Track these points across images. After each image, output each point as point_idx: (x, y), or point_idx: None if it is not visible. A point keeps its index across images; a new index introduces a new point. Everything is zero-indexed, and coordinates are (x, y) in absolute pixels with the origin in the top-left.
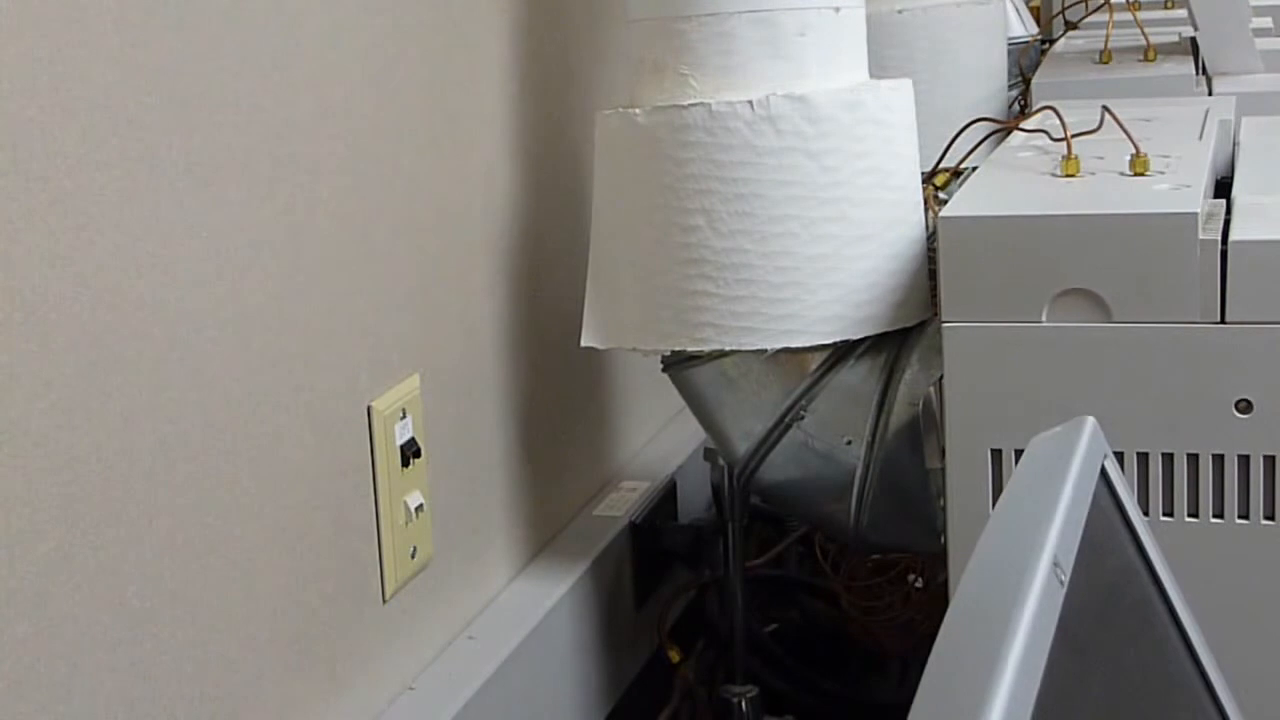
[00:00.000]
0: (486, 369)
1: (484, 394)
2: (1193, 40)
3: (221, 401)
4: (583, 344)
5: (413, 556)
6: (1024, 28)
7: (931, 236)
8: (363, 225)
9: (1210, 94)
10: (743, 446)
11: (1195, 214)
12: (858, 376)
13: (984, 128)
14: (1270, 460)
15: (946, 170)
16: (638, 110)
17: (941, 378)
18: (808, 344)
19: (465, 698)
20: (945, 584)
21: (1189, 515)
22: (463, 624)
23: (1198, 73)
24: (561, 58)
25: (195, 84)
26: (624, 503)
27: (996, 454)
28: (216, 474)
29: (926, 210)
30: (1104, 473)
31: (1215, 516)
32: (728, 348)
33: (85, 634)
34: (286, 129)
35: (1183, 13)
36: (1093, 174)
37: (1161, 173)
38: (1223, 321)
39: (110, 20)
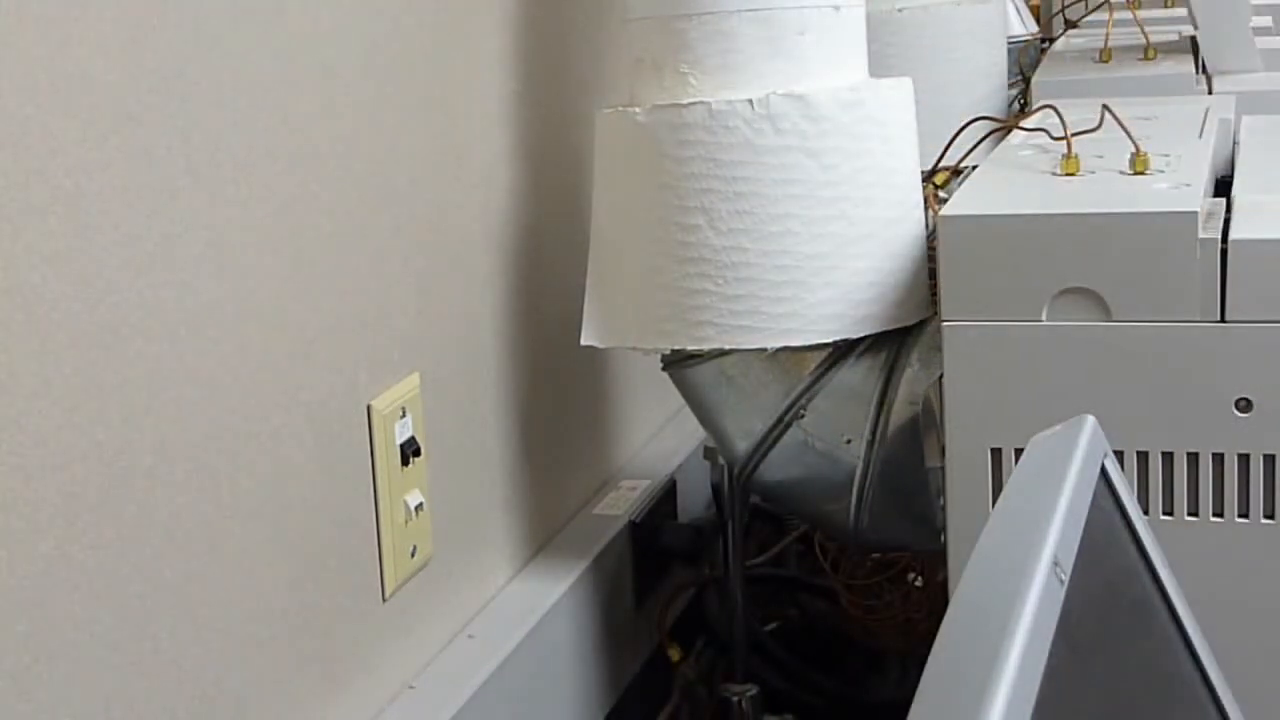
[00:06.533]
0: (486, 368)
1: (484, 393)
2: (1193, 39)
3: (221, 401)
4: (582, 343)
5: (412, 555)
6: (1024, 26)
7: (931, 235)
8: (362, 224)
9: (1210, 93)
10: (742, 445)
11: (1195, 213)
12: (858, 375)
13: (984, 126)
14: (1270, 459)
15: (947, 169)
16: (637, 109)
17: (941, 376)
18: (807, 343)
19: (465, 696)
20: (945, 583)
21: (1189, 515)
22: (462, 622)
23: (1198, 71)
24: (561, 57)
25: (195, 83)
26: (624, 501)
27: (996, 453)
28: (216, 474)
29: (926, 209)
30: (1104, 472)
31: (1215, 516)
32: (727, 346)
33: (85, 634)
34: (287, 128)
35: (1183, 11)
36: (1093, 173)
37: (1162, 171)
38: (1223, 321)
39: (110, 20)
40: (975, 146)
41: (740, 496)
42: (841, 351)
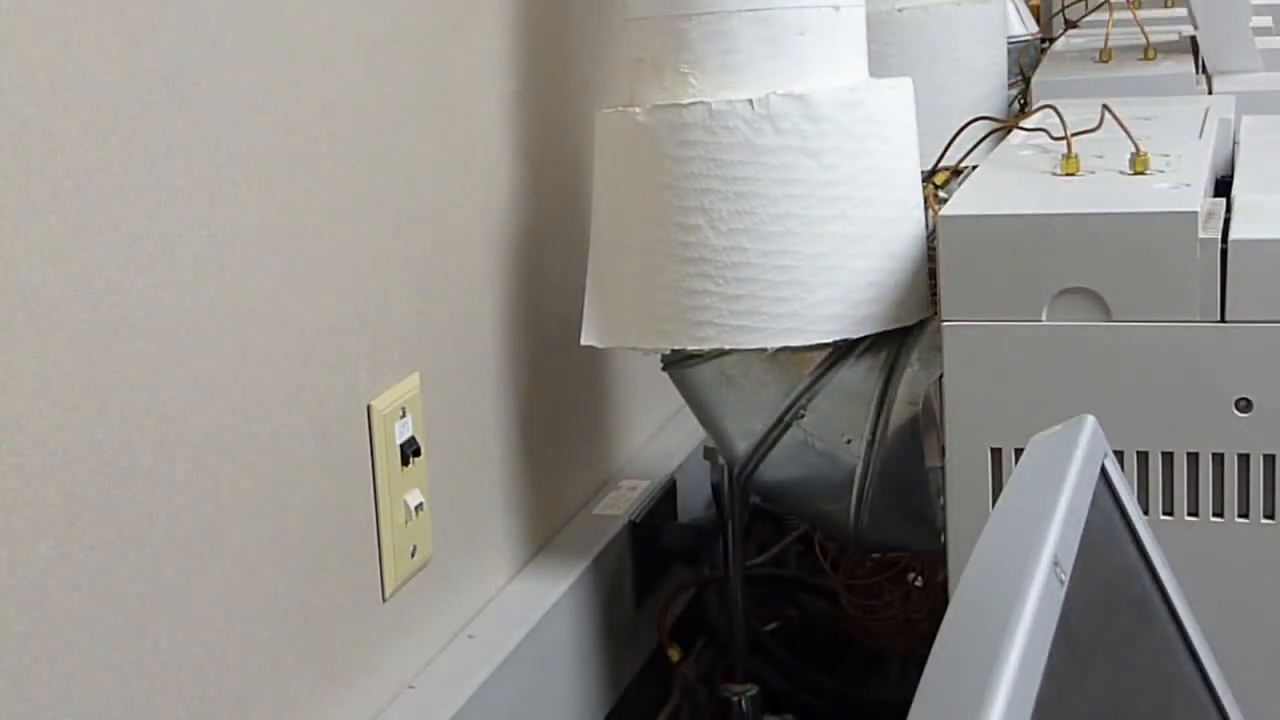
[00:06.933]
0: (486, 368)
1: (484, 393)
2: (1193, 39)
3: (221, 401)
4: (583, 343)
5: (412, 555)
6: (1024, 26)
7: (931, 235)
8: (362, 224)
9: (1210, 93)
10: (742, 445)
11: (1195, 213)
12: (858, 375)
13: (984, 126)
14: (1270, 459)
15: (946, 169)
16: (638, 109)
17: (941, 376)
18: (808, 343)
19: (465, 696)
20: (945, 583)
21: (1189, 515)
22: (463, 622)
23: (1198, 71)
24: (561, 57)
25: (195, 83)
26: (624, 501)
27: (996, 453)
28: (216, 474)
29: (926, 209)
30: (1104, 472)
31: (1215, 516)
32: (727, 346)
33: (85, 634)
34: (287, 128)
35: (1183, 11)
36: (1093, 173)
37: (1162, 171)
38: (1223, 321)
39: (110, 20)
40: (975, 146)
41: (740, 496)
42: (841, 351)
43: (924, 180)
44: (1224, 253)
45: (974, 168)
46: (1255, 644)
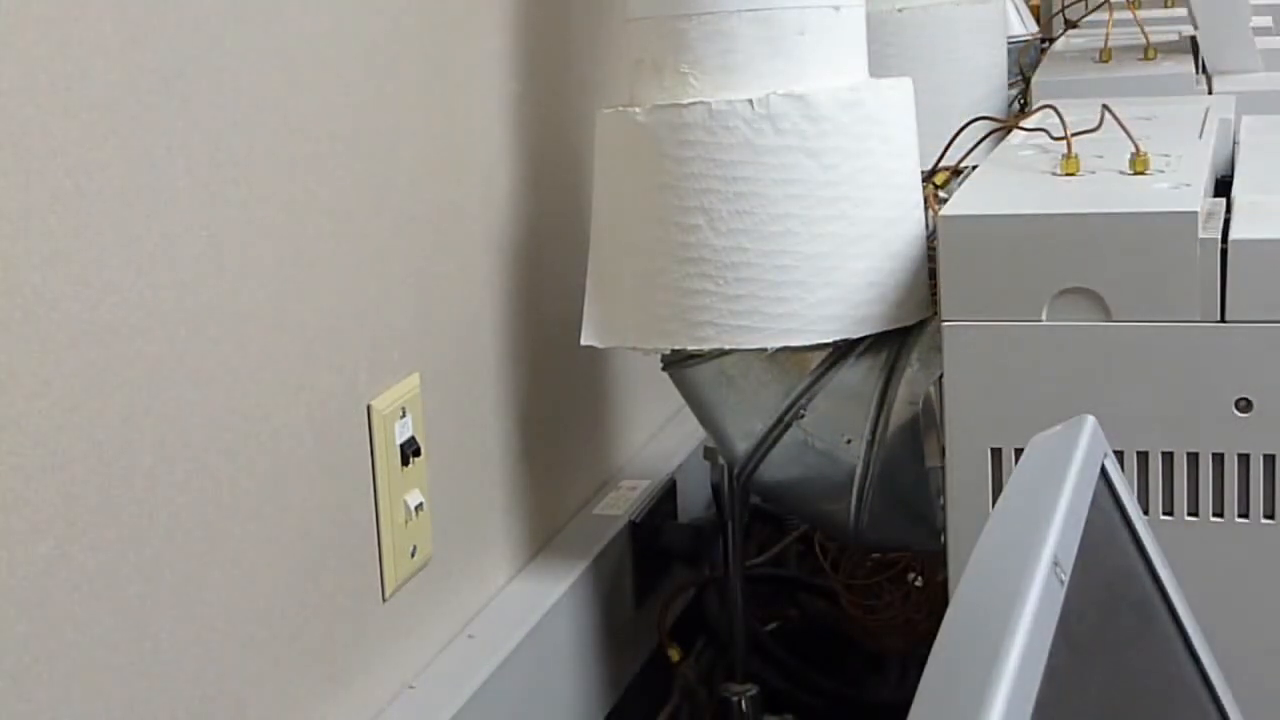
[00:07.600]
0: (486, 368)
1: (484, 393)
2: (1193, 39)
3: (221, 401)
4: (583, 343)
5: (412, 555)
6: (1024, 26)
7: (931, 235)
8: (362, 225)
9: (1210, 93)
10: (742, 445)
11: (1195, 213)
12: (858, 375)
13: (984, 126)
14: (1270, 459)
15: (946, 169)
16: (638, 109)
17: (941, 376)
18: (808, 343)
19: (465, 696)
20: (945, 583)
21: (1189, 515)
22: (463, 622)
23: (1198, 71)
24: (561, 57)
25: (195, 83)
26: (624, 501)
27: (996, 453)
28: (216, 474)
29: (926, 209)
30: (1104, 472)
31: (1215, 516)
32: (728, 347)
33: (85, 634)
34: (286, 128)
35: (1183, 11)
36: (1093, 173)
37: (1162, 171)
38: (1223, 321)
39: (110, 20)
40: (975, 146)
41: (740, 496)
42: (841, 351)
43: (924, 180)
44: (1224, 253)
45: (974, 168)
46: (1255, 644)
